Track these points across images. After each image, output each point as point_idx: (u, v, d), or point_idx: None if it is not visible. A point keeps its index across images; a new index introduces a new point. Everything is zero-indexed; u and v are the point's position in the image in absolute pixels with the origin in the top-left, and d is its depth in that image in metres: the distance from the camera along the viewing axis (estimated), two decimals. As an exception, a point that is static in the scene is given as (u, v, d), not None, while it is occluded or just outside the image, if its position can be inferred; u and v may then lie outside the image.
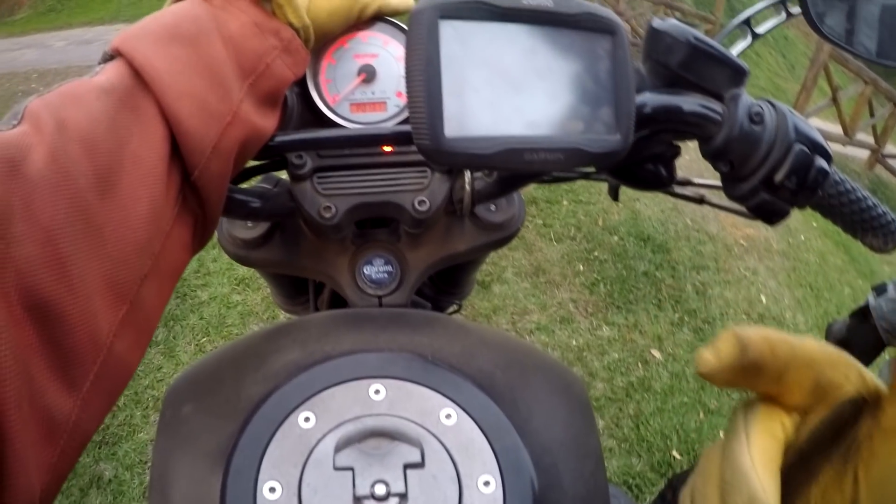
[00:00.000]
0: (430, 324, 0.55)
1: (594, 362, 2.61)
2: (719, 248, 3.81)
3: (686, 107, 0.52)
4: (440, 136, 0.38)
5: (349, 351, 0.49)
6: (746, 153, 0.53)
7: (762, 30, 0.86)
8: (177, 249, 0.43)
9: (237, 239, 0.65)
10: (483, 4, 0.39)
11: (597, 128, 0.43)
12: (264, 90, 0.47)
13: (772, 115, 0.53)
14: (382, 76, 0.60)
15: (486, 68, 0.39)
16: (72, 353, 0.34)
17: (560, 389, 0.53)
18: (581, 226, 3.56)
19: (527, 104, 0.40)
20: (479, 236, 0.66)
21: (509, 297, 2.90)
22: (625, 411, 2.41)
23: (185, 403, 0.51)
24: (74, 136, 0.36)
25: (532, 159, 0.40)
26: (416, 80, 0.38)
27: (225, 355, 0.55)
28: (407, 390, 0.47)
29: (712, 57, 0.53)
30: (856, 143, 6.98)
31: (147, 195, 0.38)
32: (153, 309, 0.41)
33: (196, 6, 0.46)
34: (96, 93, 0.38)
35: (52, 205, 0.33)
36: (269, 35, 0.48)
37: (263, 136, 0.47)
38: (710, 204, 0.77)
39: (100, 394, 0.36)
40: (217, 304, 2.66)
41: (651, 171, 0.60)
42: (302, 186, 0.58)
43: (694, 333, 2.95)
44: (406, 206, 0.58)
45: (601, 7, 0.43)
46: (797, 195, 0.53)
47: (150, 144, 0.39)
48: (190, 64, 0.42)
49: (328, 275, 0.64)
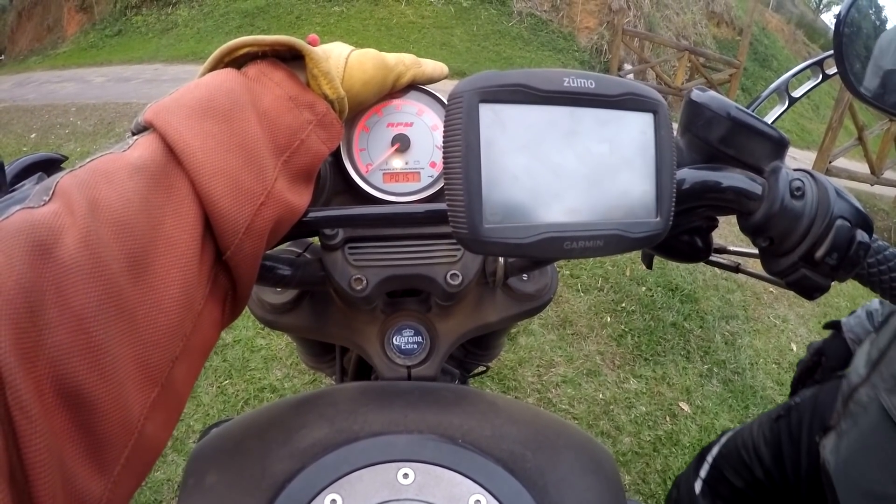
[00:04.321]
0: (460, 401, 0.53)
1: (621, 416, 2.55)
2: (748, 296, 3.74)
3: (725, 182, 0.51)
4: (478, 226, 0.37)
5: (378, 432, 0.48)
6: (787, 229, 0.51)
7: (798, 93, 0.85)
8: (207, 328, 0.42)
9: (266, 303, 0.65)
10: (524, 87, 0.38)
11: (637, 211, 0.42)
12: (298, 166, 0.46)
13: (812, 189, 0.52)
14: (416, 146, 0.59)
15: (525, 154, 0.38)
16: (103, 438, 0.33)
17: (591, 469, 0.51)
18: (609, 276, 3.53)
19: (566, 189, 0.39)
20: (510, 307, 0.65)
21: (535, 350, 2.86)
22: (652, 466, 2.35)
23: (209, 473, 0.50)
24: (107, 217, 0.35)
25: (571, 248, 0.39)
26: (454, 168, 0.37)
27: (251, 424, 0.54)
28: (436, 475, 0.45)
29: (752, 130, 0.52)
30: (883, 181, 6.86)
31: (180, 277, 0.38)
32: (183, 388, 0.40)
33: (230, 78, 0.45)
34: (129, 171, 0.37)
35: (84, 291, 0.33)
36: (303, 109, 0.47)
37: (297, 212, 0.47)
38: (745, 273, 0.75)
39: (130, 475, 0.36)
40: (241, 347, 2.66)
41: (687, 243, 0.59)
42: (333, 256, 0.57)
43: (723, 385, 2.88)
44: (438, 280, 0.57)
45: (643, 85, 0.43)
46: (837, 270, 0.51)
47: (184, 225, 0.38)
48: (224, 141, 0.41)
49: (357, 343, 0.63)
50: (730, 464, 1.38)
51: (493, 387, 2.59)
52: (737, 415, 2.68)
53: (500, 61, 10.10)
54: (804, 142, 11.52)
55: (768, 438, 1.31)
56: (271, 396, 2.41)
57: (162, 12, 12.84)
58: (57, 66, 11.32)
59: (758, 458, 1.31)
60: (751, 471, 1.32)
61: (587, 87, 0.40)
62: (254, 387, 2.45)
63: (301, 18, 11.48)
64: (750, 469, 1.32)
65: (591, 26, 11.38)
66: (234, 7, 12.14)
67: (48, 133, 6.18)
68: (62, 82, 9.28)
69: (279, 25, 11.23)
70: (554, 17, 11.51)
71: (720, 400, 2.76)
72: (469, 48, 10.52)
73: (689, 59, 10.27)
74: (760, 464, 1.30)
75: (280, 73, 0.47)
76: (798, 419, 1.27)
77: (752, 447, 1.33)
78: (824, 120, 8.74)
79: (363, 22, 11.27)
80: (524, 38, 11.09)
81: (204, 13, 12.38)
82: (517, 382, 2.64)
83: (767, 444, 1.30)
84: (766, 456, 1.30)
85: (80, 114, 6.81)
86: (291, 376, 2.52)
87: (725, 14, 14.45)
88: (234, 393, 2.42)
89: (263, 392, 2.43)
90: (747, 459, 1.34)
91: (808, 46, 19.09)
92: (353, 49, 0.53)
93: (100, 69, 10.27)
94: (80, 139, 5.89)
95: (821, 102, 14.41)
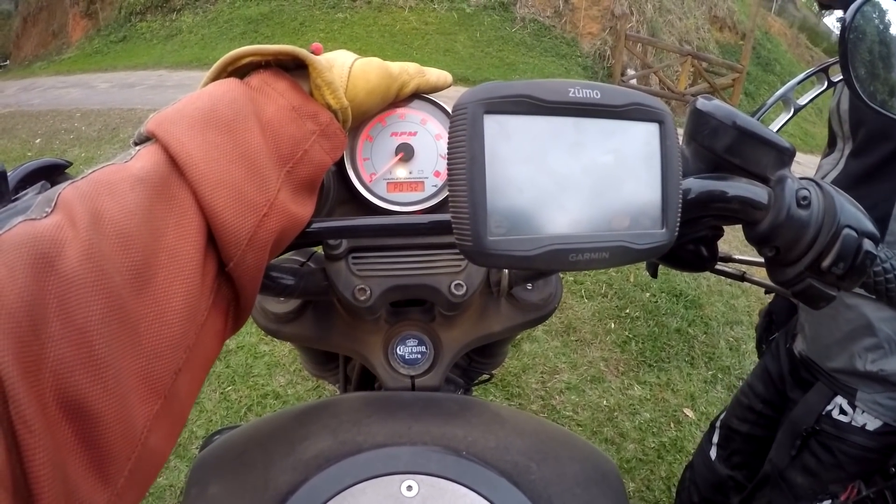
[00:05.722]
0: (464, 412, 0.53)
1: (625, 423, 2.54)
2: (752, 301, 3.73)
3: (731, 192, 0.51)
4: (483, 238, 0.36)
5: (381, 443, 0.48)
6: (793, 238, 0.51)
7: (804, 101, 0.85)
8: (210, 339, 0.42)
9: (269, 313, 0.64)
10: (528, 98, 0.38)
11: (643, 222, 0.41)
12: (301, 177, 0.46)
13: (818, 198, 0.51)
14: (420, 155, 0.59)
15: (530, 165, 0.38)
16: (106, 450, 0.33)
17: (595, 481, 0.51)
18: (612, 282, 3.52)
19: (571, 201, 0.39)
20: (515, 316, 0.65)
21: (539, 356, 2.86)
22: (656, 473, 2.34)
23: (212, 483, 0.50)
24: (109, 230, 0.35)
25: (577, 260, 0.39)
26: (459, 180, 0.37)
27: (254, 434, 0.53)
28: (440, 487, 0.45)
29: (758, 139, 0.52)
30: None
31: (182, 289, 0.37)
32: (186, 399, 0.40)
33: (233, 88, 0.45)
34: (131, 182, 0.37)
35: (86, 304, 0.32)
36: (306, 119, 0.47)
37: (300, 223, 0.46)
38: (751, 281, 0.75)
39: (133, 486, 0.35)
40: (244, 353, 2.66)
41: (692, 252, 0.59)
42: (336, 266, 0.57)
43: (728, 391, 2.87)
44: (442, 290, 0.57)
45: (648, 96, 0.42)
46: (844, 280, 0.51)
47: (186, 236, 0.38)
48: (226, 151, 0.41)
49: (360, 353, 0.63)
50: (735, 415, 1.53)
51: (497, 394, 2.59)
52: (741, 422, 2.67)
53: (503, 67, 10.11)
54: (808, 146, 11.47)
55: (758, 373, 1.48)
56: (274, 403, 2.41)
57: (166, 18, 12.90)
58: (62, 71, 11.38)
59: (753, 393, 1.47)
60: (752, 409, 1.47)
61: (593, 97, 0.39)
62: (257, 393, 2.44)
63: (305, 25, 11.51)
64: (751, 407, 1.47)
65: (594, 32, 11.38)
66: (238, 13, 12.17)
67: (53, 138, 6.20)
68: (67, 88, 9.33)
69: (283, 32, 11.26)
70: (557, 23, 11.51)
71: (725, 406, 2.74)
72: (472, 54, 10.52)
73: (692, 63, 10.29)
74: (756, 396, 1.46)
75: (283, 83, 0.47)
76: (776, 345, 1.44)
77: (747, 388, 1.50)
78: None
79: (367, 28, 11.29)
80: (527, 44, 11.09)
81: (208, 19, 12.42)
82: (521, 389, 2.63)
83: (758, 378, 1.47)
84: (759, 387, 1.46)
85: (85, 119, 6.83)
86: (295, 382, 2.52)
87: (728, 18, 14.45)
88: (238, 399, 2.41)
89: (267, 398, 2.42)
90: (745, 401, 1.49)
91: (811, 50, 19.06)
92: (357, 58, 0.53)
93: (104, 75, 10.30)
94: (84, 145, 5.91)
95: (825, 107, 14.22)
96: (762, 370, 1.47)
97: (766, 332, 1.57)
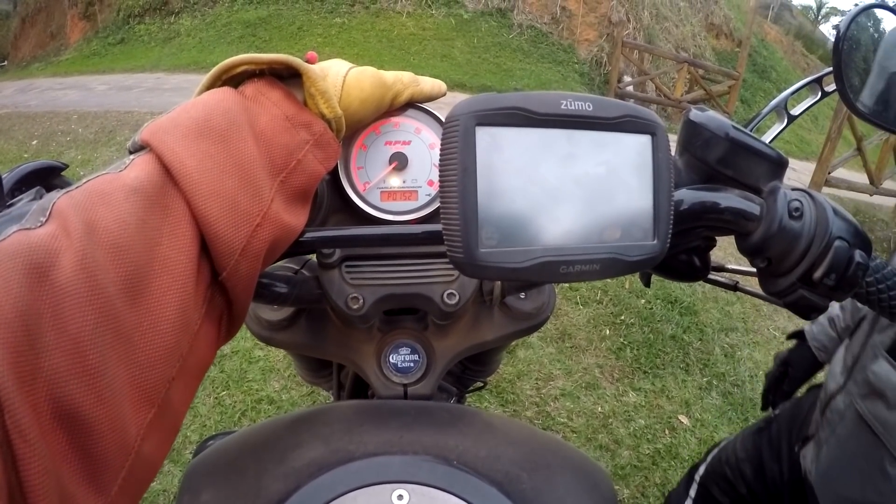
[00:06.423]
0: (456, 421, 0.53)
1: (620, 429, 2.54)
2: (748, 308, 3.74)
3: (723, 203, 0.51)
4: (474, 250, 0.37)
5: (373, 452, 0.48)
6: (785, 250, 0.51)
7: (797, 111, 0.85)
8: (203, 348, 0.42)
9: (262, 320, 0.65)
10: (521, 110, 0.38)
11: (634, 234, 0.42)
12: (295, 186, 0.46)
13: (811, 209, 0.51)
14: (414, 164, 0.59)
15: (522, 177, 0.38)
16: (100, 459, 0.33)
17: (586, 490, 0.51)
18: (608, 289, 3.53)
19: (563, 213, 0.39)
20: (508, 325, 0.65)
21: (534, 363, 2.86)
22: (651, 480, 2.34)
23: (204, 490, 0.50)
24: (103, 240, 0.35)
25: (568, 272, 0.39)
26: (450, 192, 0.37)
27: (245, 442, 0.53)
28: (431, 497, 0.45)
29: (751, 150, 0.52)
30: (882, 191, 6.85)
31: (176, 299, 0.38)
32: (180, 407, 0.40)
33: (227, 98, 0.45)
34: (125, 192, 0.37)
35: (80, 314, 0.32)
36: (300, 129, 0.47)
37: (293, 233, 0.47)
38: (744, 291, 0.75)
39: (127, 494, 0.36)
40: (239, 358, 2.66)
41: (685, 263, 0.59)
42: (330, 275, 0.57)
43: (723, 398, 2.87)
44: (435, 299, 0.57)
45: (641, 108, 0.42)
46: (836, 291, 0.51)
47: (180, 246, 0.38)
48: (220, 161, 0.41)
49: (353, 361, 0.63)
50: (716, 482, 1.39)
51: (492, 400, 2.59)
52: (736, 427, 2.67)
53: (500, 73, 10.13)
54: (803, 153, 11.54)
55: (750, 453, 1.32)
56: (268, 408, 2.40)
57: (164, 21, 12.91)
58: (59, 73, 11.37)
59: (741, 474, 1.32)
60: (735, 488, 1.33)
61: (585, 109, 0.39)
62: (251, 398, 2.44)
63: (303, 29, 11.52)
64: (734, 486, 1.33)
65: (590, 38, 11.43)
66: (237, 17, 12.19)
67: (49, 140, 6.19)
68: (64, 89, 9.32)
69: (281, 36, 11.27)
70: (554, 30, 11.55)
71: (720, 413, 2.75)
72: (469, 60, 10.55)
73: (689, 70, 10.32)
74: (743, 480, 1.31)
75: (277, 93, 0.47)
76: (777, 431, 1.28)
77: (734, 464, 1.34)
78: (823, 131, 8.76)
79: (364, 33, 11.31)
80: (524, 50, 11.12)
81: (206, 23, 12.43)
82: (515, 396, 2.63)
83: (749, 460, 1.31)
84: (748, 472, 1.31)
85: (82, 121, 6.82)
86: (289, 388, 2.51)
87: (724, 26, 14.51)
88: (232, 404, 2.41)
89: (261, 403, 2.42)
90: (731, 477, 1.34)
91: (807, 57, 19.18)
92: (352, 67, 0.53)
93: (102, 77, 10.30)
94: (81, 147, 5.90)
95: (820, 114, 14.43)
96: (756, 455, 1.30)
97: (778, 382, 1.41)
